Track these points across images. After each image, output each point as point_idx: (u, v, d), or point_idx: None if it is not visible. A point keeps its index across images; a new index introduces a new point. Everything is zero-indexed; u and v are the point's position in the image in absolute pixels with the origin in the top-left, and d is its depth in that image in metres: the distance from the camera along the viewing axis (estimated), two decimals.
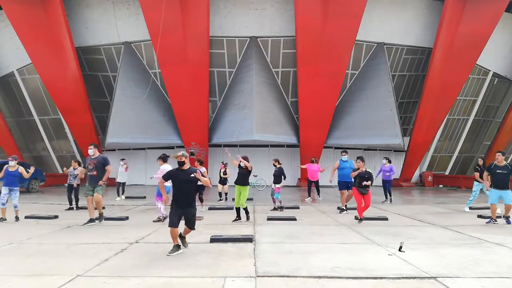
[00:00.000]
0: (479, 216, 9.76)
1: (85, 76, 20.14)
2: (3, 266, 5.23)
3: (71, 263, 5.40)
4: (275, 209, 11.00)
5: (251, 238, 6.93)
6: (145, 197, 14.82)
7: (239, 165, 9.17)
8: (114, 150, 21.45)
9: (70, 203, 11.46)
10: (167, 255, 5.81)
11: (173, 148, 21.88)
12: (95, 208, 8.86)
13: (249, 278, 4.72)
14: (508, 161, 9.87)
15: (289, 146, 21.35)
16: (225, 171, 13.36)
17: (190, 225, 6.11)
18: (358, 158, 9.27)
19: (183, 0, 17.37)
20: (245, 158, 9.22)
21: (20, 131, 23.40)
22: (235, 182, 9.27)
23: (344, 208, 10.76)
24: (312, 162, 13.78)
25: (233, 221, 9.10)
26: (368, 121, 19.51)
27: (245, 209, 9.23)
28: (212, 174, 20.37)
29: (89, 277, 4.79)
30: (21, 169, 9.36)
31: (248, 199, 13.93)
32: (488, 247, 6.42)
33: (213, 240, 6.75)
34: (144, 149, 22.04)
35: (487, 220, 9.03)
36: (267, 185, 19.00)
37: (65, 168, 12.18)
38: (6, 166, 9.31)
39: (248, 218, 9.23)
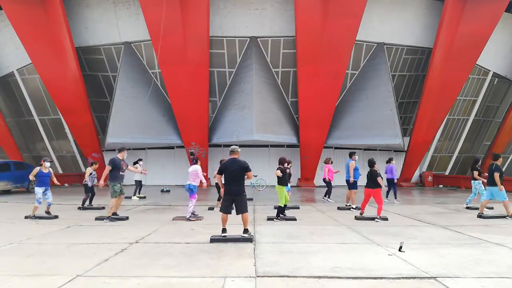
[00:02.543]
0: (479, 216, 9.77)
1: (85, 76, 20.13)
2: (3, 266, 5.23)
3: (71, 263, 5.40)
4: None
5: (251, 238, 6.93)
6: (145, 197, 14.83)
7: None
8: (114, 150, 21.42)
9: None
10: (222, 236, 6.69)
11: (173, 148, 21.90)
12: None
13: (249, 278, 4.72)
14: (507, 162, 10.14)
15: (289, 146, 21.34)
16: None
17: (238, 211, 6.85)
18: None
19: (183, 0, 17.36)
20: (283, 160, 9.60)
21: (20, 131, 23.40)
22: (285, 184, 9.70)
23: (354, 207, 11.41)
24: (328, 163, 13.86)
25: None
26: (368, 121, 19.50)
27: (278, 207, 9.49)
28: (212, 174, 20.43)
29: (89, 277, 4.79)
30: (52, 171, 10.10)
31: (248, 199, 14.00)
32: (488, 247, 6.42)
33: (213, 240, 6.76)
34: (144, 149, 22.03)
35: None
36: (267, 185, 18.99)
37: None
38: (39, 168, 9.83)
39: (277, 215, 9.41)
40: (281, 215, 9.45)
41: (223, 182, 7.14)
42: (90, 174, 11.57)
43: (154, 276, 4.82)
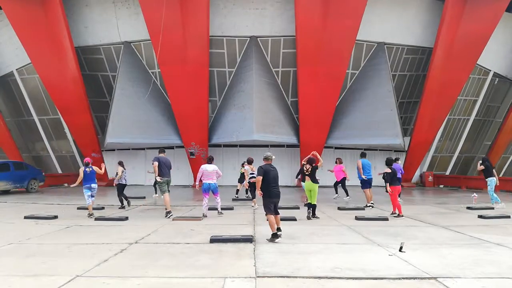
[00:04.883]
0: (480, 217, 9.76)
1: (85, 76, 20.08)
2: (3, 266, 5.23)
3: (70, 263, 5.39)
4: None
5: (251, 239, 6.92)
6: (144, 197, 14.80)
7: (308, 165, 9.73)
8: (113, 150, 21.43)
9: (122, 202, 11.87)
10: (267, 240, 6.90)
11: (173, 148, 21.87)
12: None
13: (249, 278, 4.71)
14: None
15: (289, 146, 21.31)
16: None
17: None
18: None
19: (183, 0, 17.35)
20: (310, 160, 9.71)
21: (20, 131, 23.36)
22: (302, 181, 9.92)
23: (371, 205, 11.90)
24: (336, 163, 14.08)
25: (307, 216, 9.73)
26: (369, 121, 19.46)
27: (314, 206, 9.71)
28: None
29: (88, 277, 4.78)
30: (96, 168, 10.50)
31: (248, 199, 14.03)
32: (489, 247, 6.41)
33: (213, 240, 6.74)
34: (143, 149, 22.02)
35: None
36: None
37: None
38: (84, 168, 10.23)
39: (313, 214, 9.70)
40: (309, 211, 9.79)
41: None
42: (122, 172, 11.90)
43: (154, 276, 4.81)
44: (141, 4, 17.56)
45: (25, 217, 9.53)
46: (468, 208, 11.63)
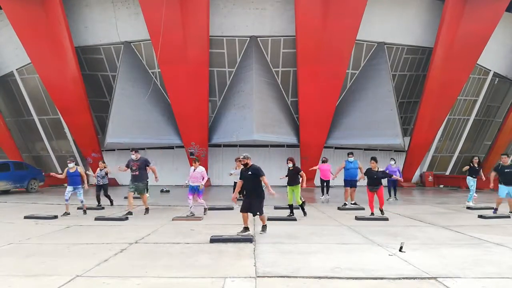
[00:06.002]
0: (480, 216, 9.76)
1: (85, 76, 20.08)
2: (3, 266, 5.23)
3: (70, 263, 5.39)
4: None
5: (251, 238, 6.91)
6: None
7: (289, 167, 9.91)
8: (113, 150, 21.42)
9: (99, 202, 11.94)
10: (237, 234, 7.06)
11: (173, 148, 21.88)
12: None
13: (249, 278, 4.71)
14: (508, 162, 10.50)
15: (289, 146, 21.30)
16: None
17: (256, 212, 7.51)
18: (372, 158, 10.29)
19: (183, 0, 17.35)
20: (292, 159, 9.98)
21: (20, 131, 23.36)
22: (288, 183, 9.94)
23: (346, 203, 11.91)
24: (324, 162, 14.11)
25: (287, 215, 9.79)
26: (369, 121, 19.46)
27: (301, 205, 9.88)
28: (212, 174, 20.40)
29: (88, 277, 4.78)
30: (80, 169, 10.55)
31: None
32: (489, 247, 6.41)
33: (213, 240, 6.74)
34: (143, 149, 21.98)
35: (493, 211, 10.36)
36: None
37: (93, 173, 12.44)
38: (66, 168, 10.39)
39: (304, 213, 9.88)
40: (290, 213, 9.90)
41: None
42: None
43: (154, 276, 4.81)
44: (141, 4, 17.56)
45: (25, 217, 9.53)
46: (468, 208, 11.63)
